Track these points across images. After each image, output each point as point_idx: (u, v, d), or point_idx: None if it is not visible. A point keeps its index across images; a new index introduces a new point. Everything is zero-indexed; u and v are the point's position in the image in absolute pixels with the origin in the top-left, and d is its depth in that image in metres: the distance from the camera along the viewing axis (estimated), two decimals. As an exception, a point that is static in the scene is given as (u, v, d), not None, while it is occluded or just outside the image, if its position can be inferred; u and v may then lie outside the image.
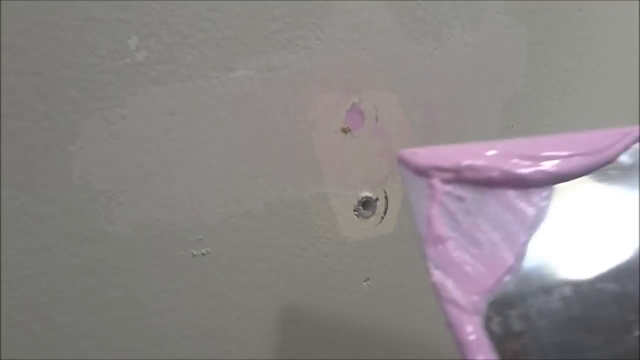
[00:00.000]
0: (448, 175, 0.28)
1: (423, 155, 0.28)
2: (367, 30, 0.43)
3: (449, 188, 0.28)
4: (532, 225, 0.27)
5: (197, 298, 0.39)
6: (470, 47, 0.47)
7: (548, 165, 0.28)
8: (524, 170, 0.28)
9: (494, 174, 0.28)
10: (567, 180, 0.28)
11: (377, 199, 0.45)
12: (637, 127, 0.30)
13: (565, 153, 0.28)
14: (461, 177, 0.28)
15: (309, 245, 0.43)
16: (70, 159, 0.34)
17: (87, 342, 0.36)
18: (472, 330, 0.25)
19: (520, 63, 0.51)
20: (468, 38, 0.47)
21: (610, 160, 0.29)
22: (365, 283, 0.45)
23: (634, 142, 0.30)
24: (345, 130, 0.43)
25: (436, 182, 0.28)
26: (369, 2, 0.42)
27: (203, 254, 0.39)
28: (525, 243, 0.27)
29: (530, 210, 0.27)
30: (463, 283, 0.26)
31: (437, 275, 0.26)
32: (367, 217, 0.44)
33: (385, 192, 0.45)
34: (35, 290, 0.34)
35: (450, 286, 0.26)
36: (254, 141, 0.39)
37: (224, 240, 0.39)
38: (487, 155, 0.28)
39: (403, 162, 0.29)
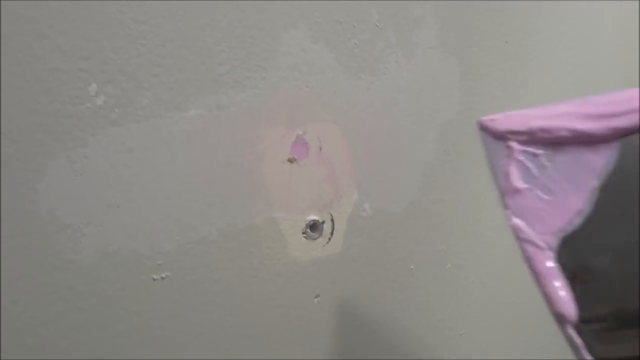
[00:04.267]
0: (523, 138, 0.32)
1: (500, 121, 0.33)
2: (308, 69, 0.47)
3: (524, 147, 0.32)
4: (600, 173, 0.31)
5: (159, 319, 0.42)
6: (406, 79, 0.52)
7: (615, 122, 0.30)
8: (594, 129, 0.31)
9: (565, 133, 0.31)
10: (631, 134, 0.30)
11: (323, 222, 0.49)
12: None
13: (630, 108, 0.30)
14: (534, 138, 0.32)
15: (262, 266, 0.46)
16: (38, 196, 0.38)
17: (57, 363, 0.39)
18: (545, 263, 0.31)
19: (454, 92, 0.56)
20: (403, 72, 0.52)
21: None
22: (315, 299, 0.49)
23: None
24: (291, 160, 0.47)
25: (513, 143, 0.33)
26: (309, 44, 0.47)
27: (163, 278, 0.42)
28: (594, 189, 0.31)
29: (598, 161, 0.31)
30: (537, 225, 0.32)
31: (515, 220, 0.32)
32: (315, 239, 0.48)
33: (332, 215, 0.49)
34: (8, 317, 0.37)
35: (525, 228, 0.32)
36: (207, 173, 0.43)
37: (182, 265, 0.43)
38: (556, 116, 0.32)
39: (483, 129, 0.34)
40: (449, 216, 0.57)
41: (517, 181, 0.32)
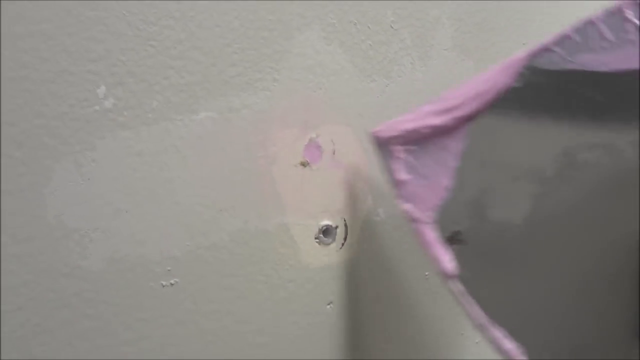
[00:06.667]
0: (401, 140, 0.40)
1: (383, 130, 0.40)
2: (322, 71, 0.46)
3: (403, 147, 0.40)
4: (458, 154, 0.39)
5: (168, 326, 0.41)
6: (421, 82, 0.51)
7: (458, 113, 0.38)
8: (444, 122, 0.39)
9: (426, 130, 0.39)
10: (476, 116, 0.38)
11: (337, 227, 0.48)
12: (520, 53, 0.38)
13: (467, 99, 0.38)
14: (408, 139, 0.40)
15: (273, 272, 0.45)
16: (45, 200, 0.37)
17: (64, 371, 0.38)
18: (429, 234, 0.39)
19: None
20: (418, 74, 0.51)
21: (505, 91, 0.38)
22: (328, 306, 0.48)
23: (520, 69, 0.38)
24: (304, 164, 0.46)
25: (393, 147, 0.40)
26: (323, 45, 0.46)
27: (172, 284, 0.41)
28: (456, 168, 0.39)
29: (455, 145, 0.39)
30: (420, 205, 0.39)
31: (405, 205, 0.40)
32: (328, 244, 0.47)
33: (345, 220, 0.48)
34: (14, 324, 0.37)
35: (412, 210, 0.39)
36: (217, 177, 0.42)
37: (191, 271, 0.42)
38: (419, 118, 0.39)
39: (374, 139, 0.41)
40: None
41: (403, 174, 0.40)
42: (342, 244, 0.48)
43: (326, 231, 0.47)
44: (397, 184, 0.40)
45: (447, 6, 0.52)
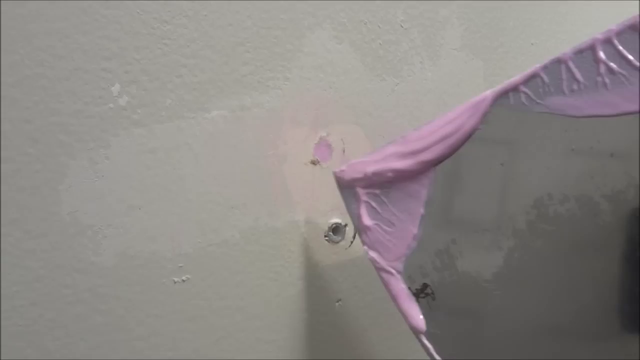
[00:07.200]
0: (363, 183, 0.38)
1: (346, 171, 0.38)
2: (333, 70, 0.46)
3: (366, 190, 0.38)
4: (425, 200, 0.36)
5: (179, 322, 0.42)
6: (430, 81, 0.51)
7: (423, 156, 0.36)
8: (408, 166, 0.36)
9: (390, 174, 0.37)
10: (442, 161, 0.36)
11: (346, 225, 0.48)
12: (487, 93, 0.35)
13: (432, 142, 0.35)
14: (371, 182, 0.37)
15: (283, 269, 0.46)
16: (59, 197, 0.37)
17: (77, 366, 0.39)
18: (397, 286, 0.37)
19: (478, 94, 0.55)
20: (427, 74, 0.51)
21: (471, 133, 0.35)
22: (337, 304, 0.48)
23: (487, 110, 0.35)
24: (314, 162, 0.46)
25: (357, 189, 0.38)
26: (334, 44, 0.46)
27: (183, 281, 0.42)
28: (423, 215, 0.36)
29: (421, 190, 0.36)
30: (386, 254, 0.37)
31: (370, 253, 0.38)
32: (337, 242, 0.48)
33: (354, 218, 0.49)
34: (29, 318, 0.37)
35: (378, 259, 0.38)
36: (229, 175, 0.43)
37: (203, 268, 0.42)
38: (382, 160, 0.37)
39: (336, 179, 0.39)
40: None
41: (366, 219, 0.37)
42: (351, 242, 0.49)
43: (335, 229, 0.48)
44: (362, 229, 0.38)
45: (457, 6, 0.52)
